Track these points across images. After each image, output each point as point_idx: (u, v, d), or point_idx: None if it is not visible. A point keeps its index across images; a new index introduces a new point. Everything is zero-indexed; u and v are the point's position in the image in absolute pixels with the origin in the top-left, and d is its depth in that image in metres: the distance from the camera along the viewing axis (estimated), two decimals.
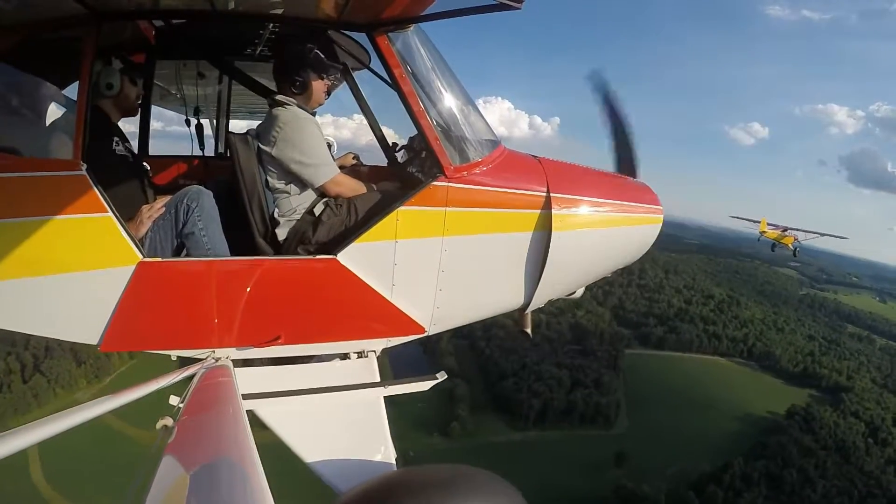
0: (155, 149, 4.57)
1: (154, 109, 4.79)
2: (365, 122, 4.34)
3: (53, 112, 3.20)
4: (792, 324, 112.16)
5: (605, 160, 3.77)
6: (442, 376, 3.15)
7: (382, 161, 4.31)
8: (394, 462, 2.78)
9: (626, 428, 76.82)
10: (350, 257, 2.74)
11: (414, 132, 3.63)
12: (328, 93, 3.19)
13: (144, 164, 3.64)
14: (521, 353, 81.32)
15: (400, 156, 4.22)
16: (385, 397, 2.93)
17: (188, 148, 4.80)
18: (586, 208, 3.18)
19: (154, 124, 4.50)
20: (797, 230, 40.12)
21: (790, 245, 39.79)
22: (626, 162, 3.76)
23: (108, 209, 2.44)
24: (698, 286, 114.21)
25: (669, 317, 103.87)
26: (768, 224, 40.21)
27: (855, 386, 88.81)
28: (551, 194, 3.00)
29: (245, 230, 2.87)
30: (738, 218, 48.91)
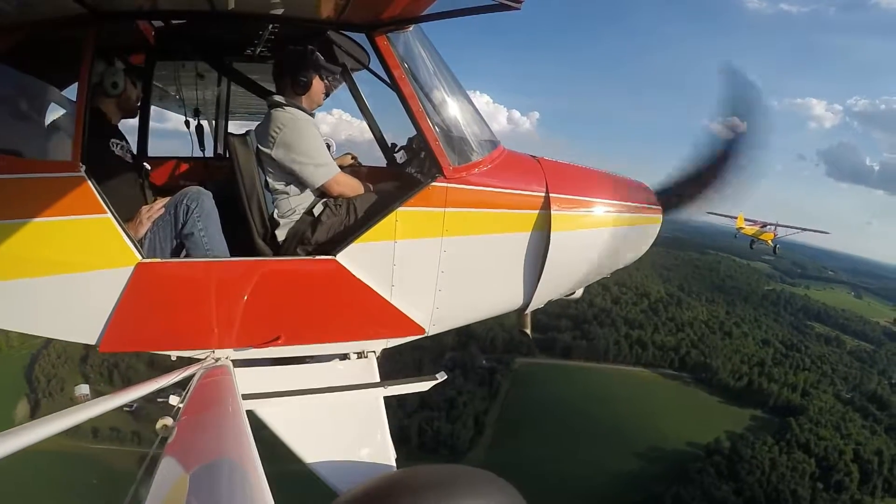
0: (154, 149, 4.56)
1: (153, 112, 4.78)
2: (339, 119, 4.33)
3: (53, 113, 3.20)
4: (745, 326, 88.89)
5: (584, 155, 3.35)
6: (441, 376, 3.15)
7: (376, 163, 4.31)
8: (394, 462, 2.79)
9: (479, 463, 53.28)
10: (349, 258, 2.74)
11: (413, 132, 3.63)
12: (327, 93, 3.20)
13: (144, 164, 3.64)
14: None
15: (399, 156, 4.23)
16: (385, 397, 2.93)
17: (187, 149, 4.80)
18: (585, 208, 3.18)
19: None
20: (777, 225, 37.35)
21: (770, 242, 37.04)
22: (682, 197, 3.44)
23: (108, 210, 2.44)
24: (633, 283, 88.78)
25: (586, 319, 79.79)
26: (746, 220, 36.74)
27: (810, 406, 66.85)
28: (550, 194, 3.00)
29: (244, 231, 2.87)
30: (714, 214, 46.79)
